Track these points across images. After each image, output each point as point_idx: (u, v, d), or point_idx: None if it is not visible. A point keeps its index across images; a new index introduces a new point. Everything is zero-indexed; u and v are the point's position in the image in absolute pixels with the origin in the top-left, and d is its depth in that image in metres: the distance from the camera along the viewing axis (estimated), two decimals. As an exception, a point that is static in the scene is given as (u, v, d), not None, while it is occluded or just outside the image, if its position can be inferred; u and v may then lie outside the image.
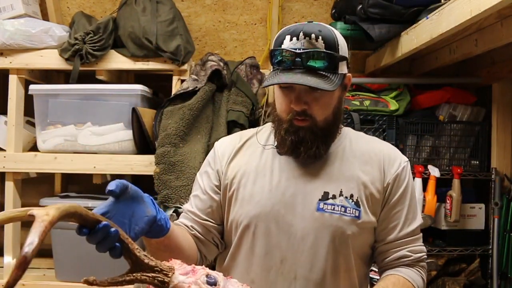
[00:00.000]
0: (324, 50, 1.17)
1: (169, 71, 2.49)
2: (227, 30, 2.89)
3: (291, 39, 1.18)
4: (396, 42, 2.30)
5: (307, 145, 1.21)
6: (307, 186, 1.24)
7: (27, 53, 2.42)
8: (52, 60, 2.42)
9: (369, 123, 2.51)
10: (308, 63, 1.16)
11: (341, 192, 1.24)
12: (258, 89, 2.64)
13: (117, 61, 2.45)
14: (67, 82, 2.52)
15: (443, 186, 2.50)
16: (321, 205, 1.22)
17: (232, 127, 2.46)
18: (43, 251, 2.71)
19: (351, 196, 1.24)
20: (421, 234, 1.35)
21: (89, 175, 2.49)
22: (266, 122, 2.57)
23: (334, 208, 1.22)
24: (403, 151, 2.52)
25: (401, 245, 1.30)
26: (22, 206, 2.51)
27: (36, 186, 2.83)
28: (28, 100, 2.47)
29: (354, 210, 1.23)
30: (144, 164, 2.34)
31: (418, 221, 1.32)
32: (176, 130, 2.28)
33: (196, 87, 2.39)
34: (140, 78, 2.75)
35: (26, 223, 2.84)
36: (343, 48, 1.23)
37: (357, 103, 2.53)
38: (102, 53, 2.41)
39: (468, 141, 2.57)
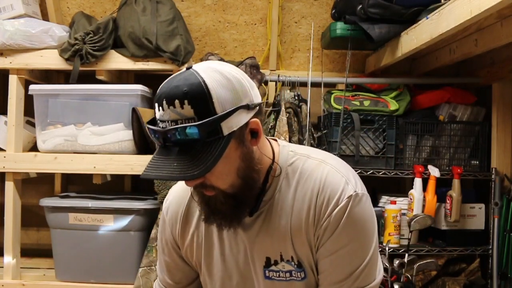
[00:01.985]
0: (187, 124, 0.94)
1: (169, 71, 2.48)
2: (227, 30, 2.89)
3: (158, 109, 0.98)
4: (396, 42, 2.30)
5: (221, 215, 1.06)
6: (253, 251, 1.13)
7: (27, 53, 2.42)
8: (52, 60, 2.42)
9: (369, 123, 2.51)
10: (175, 140, 0.95)
11: (281, 256, 1.11)
12: (258, 89, 2.64)
13: (117, 61, 2.45)
14: (67, 82, 2.52)
15: (443, 186, 2.50)
16: (267, 273, 1.12)
17: (232, 127, 2.46)
18: (43, 251, 2.73)
19: (292, 258, 1.10)
20: (370, 285, 1.10)
21: (89, 175, 2.49)
22: (266, 122, 2.59)
23: (279, 274, 1.12)
24: (403, 151, 2.52)
25: None
26: (22, 206, 2.51)
27: (36, 186, 2.83)
28: (28, 100, 2.48)
29: (298, 273, 1.11)
30: (144, 164, 2.30)
31: (361, 266, 1.08)
32: (176, 130, 2.27)
33: (196, 87, 2.39)
34: (140, 78, 2.75)
35: (26, 223, 2.84)
36: (228, 99, 0.97)
37: (357, 103, 2.53)
38: (102, 53, 2.41)
39: (468, 141, 2.57)
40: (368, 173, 2.48)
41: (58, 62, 2.42)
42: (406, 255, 2.28)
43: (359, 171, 2.47)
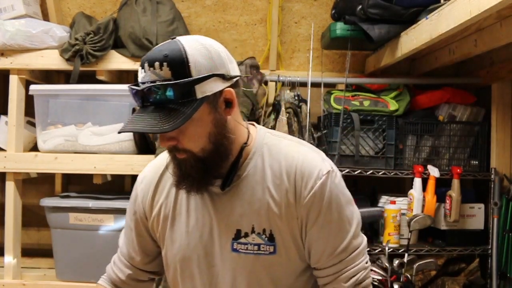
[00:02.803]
0: (164, 82, 1.01)
1: (169, 71, 2.49)
2: (227, 30, 2.89)
3: (141, 71, 1.05)
4: (396, 42, 2.31)
5: (191, 179, 1.09)
6: (221, 224, 1.15)
7: (28, 54, 2.42)
8: (53, 61, 2.43)
9: (369, 123, 2.52)
10: (152, 99, 1.02)
11: (253, 228, 1.13)
12: (258, 89, 2.65)
13: (117, 61, 2.46)
14: (67, 83, 2.52)
15: (442, 186, 2.50)
16: (235, 245, 1.14)
17: (232, 127, 2.46)
18: (44, 251, 2.73)
19: (264, 231, 1.12)
20: (358, 250, 1.17)
21: (90, 175, 2.50)
22: (266, 122, 2.59)
23: (247, 247, 1.13)
24: (403, 151, 2.53)
25: (333, 271, 1.15)
26: (23, 206, 2.51)
27: (36, 186, 2.84)
28: (29, 100, 2.48)
29: (268, 246, 1.13)
30: (144, 164, 2.29)
31: (348, 236, 1.15)
32: (176, 130, 2.28)
33: (196, 87, 2.39)
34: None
35: (27, 223, 2.85)
36: (205, 65, 1.05)
37: (357, 103, 2.53)
38: (102, 54, 2.42)
39: (467, 141, 2.58)
40: (368, 173, 2.49)
41: (59, 62, 2.43)
42: (406, 255, 2.28)
43: (359, 171, 2.48)
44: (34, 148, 2.57)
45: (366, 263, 1.19)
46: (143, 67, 1.04)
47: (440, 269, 2.49)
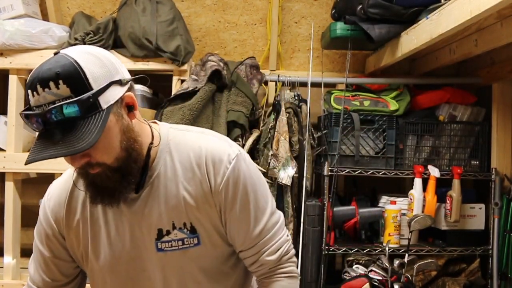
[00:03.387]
0: (67, 101, 0.95)
1: (169, 71, 2.49)
2: (227, 30, 2.89)
3: (33, 95, 0.97)
4: (396, 42, 2.30)
5: (109, 190, 1.07)
6: (142, 227, 1.14)
7: (27, 53, 2.42)
8: (52, 60, 2.42)
9: (369, 123, 2.51)
10: (56, 121, 0.96)
11: (173, 224, 1.13)
12: (258, 89, 2.64)
13: (117, 61, 2.45)
14: (67, 82, 2.52)
15: (443, 186, 2.50)
16: (159, 245, 1.14)
17: (232, 127, 2.46)
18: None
19: (184, 225, 1.13)
20: (278, 225, 1.21)
21: (89, 175, 2.49)
22: (266, 123, 2.59)
23: (172, 244, 1.14)
24: (403, 151, 2.52)
25: (257, 250, 1.18)
26: (22, 206, 2.51)
27: (36, 186, 2.83)
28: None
29: (191, 239, 1.14)
30: (144, 164, 2.34)
31: (266, 214, 1.18)
32: (176, 130, 2.27)
33: (196, 87, 2.39)
34: (140, 78, 2.74)
35: (26, 223, 2.84)
36: (102, 74, 1.01)
37: (357, 103, 2.53)
38: (102, 53, 2.41)
39: (468, 141, 2.57)
40: (368, 173, 2.48)
41: (58, 62, 2.42)
42: (406, 255, 2.28)
43: (359, 171, 2.48)
44: (34, 148, 2.56)
45: (287, 236, 1.23)
46: (34, 90, 0.97)
47: (441, 269, 2.49)
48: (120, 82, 1.04)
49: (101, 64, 1.02)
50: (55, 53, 1.02)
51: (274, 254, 1.18)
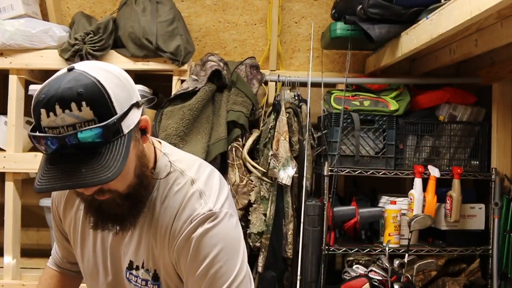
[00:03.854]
0: (93, 126, 0.89)
1: (169, 71, 2.49)
2: (227, 30, 2.89)
3: (48, 115, 0.88)
4: (396, 42, 2.30)
5: (115, 218, 1.03)
6: (120, 251, 1.13)
7: (27, 53, 2.42)
8: (52, 61, 2.42)
9: (369, 123, 2.51)
10: (77, 145, 0.89)
11: (143, 263, 1.11)
12: (258, 89, 2.64)
13: (117, 61, 2.45)
14: (67, 82, 2.51)
15: (443, 186, 2.50)
16: (128, 275, 1.13)
17: (232, 127, 2.46)
18: (43, 251, 2.72)
19: (150, 268, 1.10)
20: None
21: (89, 175, 2.49)
22: (266, 123, 2.58)
23: (137, 280, 1.12)
24: (403, 151, 2.52)
25: None
26: (22, 206, 2.51)
27: (36, 186, 2.83)
28: (28, 100, 2.47)
29: (153, 284, 1.10)
30: (144, 164, 2.33)
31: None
32: (176, 131, 2.28)
33: (196, 87, 2.39)
34: (140, 78, 2.75)
35: (26, 223, 2.84)
36: (124, 97, 0.95)
37: (357, 103, 2.53)
38: (102, 53, 2.41)
39: (468, 141, 2.57)
40: (368, 173, 2.48)
41: (58, 62, 2.42)
42: (406, 255, 2.28)
43: (359, 171, 2.48)
44: (34, 148, 2.56)
45: None
46: (51, 110, 0.88)
47: (441, 269, 2.49)
48: (137, 105, 0.98)
49: (122, 86, 0.96)
50: (69, 69, 0.93)
51: None
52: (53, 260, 1.39)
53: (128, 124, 0.94)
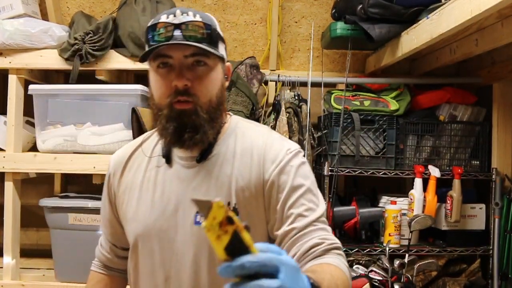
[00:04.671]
0: (204, 22, 1.12)
1: (169, 71, 2.48)
2: (227, 30, 2.89)
3: (167, 17, 1.11)
4: (396, 42, 2.30)
5: (192, 130, 1.11)
6: (187, 198, 1.16)
7: (27, 53, 2.41)
8: (52, 60, 2.42)
9: (369, 123, 2.51)
10: (188, 33, 1.10)
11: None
12: (258, 89, 2.64)
13: (117, 61, 2.44)
14: (66, 82, 2.51)
15: (443, 186, 2.50)
16: (198, 218, 1.14)
17: (232, 127, 2.46)
18: (43, 251, 2.72)
19: (228, 204, 1.14)
20: (326, 226, 1.15)
21: (89, 175, 2.49)
22: (266, 122, 2.58)
23: None
24: (403, 151, 2.52)
25: (307, 235, 1.11)
26: (22, 206, 2.50)
27: (35, 186, 2.83)
28: (28, 100, 2.47)
29: None
30: (144, 164, 2.33)
31: (319, 210, 1.14)
32: (176, 130, 2.27)
33: (196, 87, 2.39)
34: (140, 78, 2.75)
35: (26, 224, 2.84)
36: (220, 32, 1.19)
37: (357, 103, 2.53)
38: (101, 53, 2.41)
39: (468, 141, 2.57)
40: (368, 173, 2.48)
41: (58, 62, 2.42)
42: (407, 255, 2.28)
43: (359, 171, 2.47)
44: (33, 148, 2.56)
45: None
46: (171, 14, 1.11)
47: (441, 269, 2.48)
48: (225, 48, 1.20)
49: (218, 28, 1.19)
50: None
51: (327, 239, 1.11)
52: (98, 260, 1.39)
53: (221, 51, 1.16)
